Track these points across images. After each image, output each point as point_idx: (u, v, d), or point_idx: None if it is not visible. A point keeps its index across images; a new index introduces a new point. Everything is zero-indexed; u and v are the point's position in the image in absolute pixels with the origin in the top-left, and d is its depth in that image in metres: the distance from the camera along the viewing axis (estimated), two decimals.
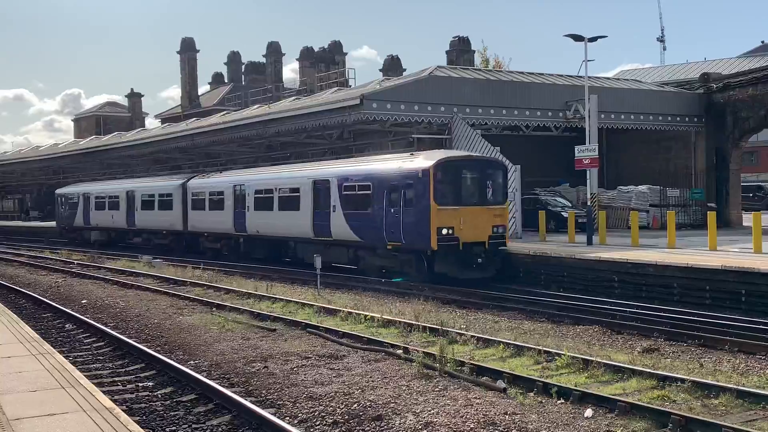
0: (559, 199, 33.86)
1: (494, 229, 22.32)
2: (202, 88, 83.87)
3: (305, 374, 11.47)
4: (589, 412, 9.27)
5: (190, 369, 11.65)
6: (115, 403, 8.76)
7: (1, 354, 11.03)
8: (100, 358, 13.36)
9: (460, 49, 65.11)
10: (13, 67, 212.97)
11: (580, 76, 30.36)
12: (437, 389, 10.38)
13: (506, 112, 31.15)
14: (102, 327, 15.69)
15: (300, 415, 9.48)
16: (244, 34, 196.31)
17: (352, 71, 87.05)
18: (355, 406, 9.69)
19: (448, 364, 11.25)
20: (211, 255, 33.53)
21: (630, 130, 35.27)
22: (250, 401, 9.78)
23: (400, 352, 12.55)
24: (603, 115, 31.56)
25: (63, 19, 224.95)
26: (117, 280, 25.60)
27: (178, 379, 11.25)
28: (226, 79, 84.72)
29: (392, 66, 70.57)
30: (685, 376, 10.39)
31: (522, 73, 34.92)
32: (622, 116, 33.75)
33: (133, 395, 10.57)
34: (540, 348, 12.29)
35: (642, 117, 34.33)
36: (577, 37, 27.17)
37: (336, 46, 75.30)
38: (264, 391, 10.58)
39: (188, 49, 76.21)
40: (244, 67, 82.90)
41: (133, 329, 16.19)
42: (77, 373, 9.88)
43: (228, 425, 9.14)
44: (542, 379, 10.49)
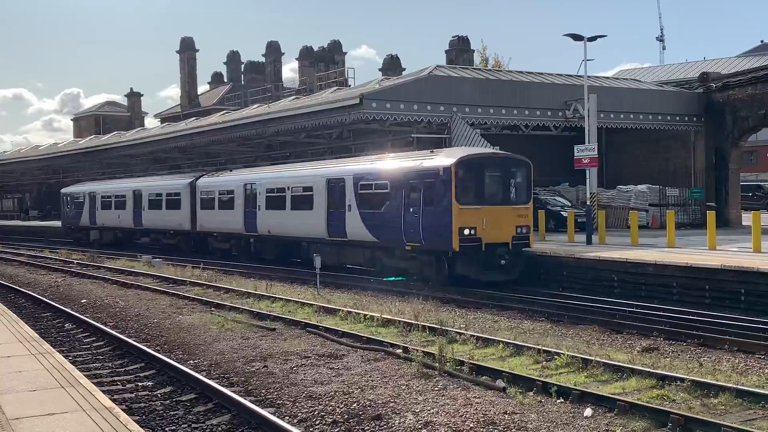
0: (559, 199, 33.87)
1: (518, 230, 21.33)
2: (202, 88, 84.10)
3: (305, 373, 11.47)
4: (588, 412, 9.27)
5: (190, 368, 11.66)
6: (115, 403, 8.76)
7: (1, 353, 11.03)
8: (100, 357, 13.36)
9: (460, 49, 65.21)
10: (13, 67, 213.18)
11: (580, 76, 30.36)
12: (437, 388, 10.38)
13: (506, 111, 31.09)
14: (101, 326, 15.68)
15: (299, 414, 9.48)
16: (243, 34, 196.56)
17: (352, 71, 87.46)
18: (355, 405, 9.69)
19: (448, 364, 11.26)
20: (220, 255, 33.14)
21: (629, 130, 35.27)
22: (250, 401, 9.78)
23: (399, 351, 12.55)
24: (602, 115, 31.50)
25: (62, 19, 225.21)
26: (117, 280, 25.60)
27: (178, 379, 11.25)
28: (226, 79, 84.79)
29: (392, 65, 70.63)
30: (684, 376, 10.40)
31: (521, 72, 34.89)
32: (622, 116, 33.72)
33: (133, 395, 10.57)
34: (539, 347, 12.29)
35: (641, 116, 34.31)
36: (577, 37, 27.16)
37: (335, 46, 75.38)
38: (263, 391, 10.58)
39: (188, 49, 76.23)
40: (243, 66, 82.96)
41: (132, 329, 16.19)
42: (77, 373, 9.88)
43: (227, 425, 9.14)
44: (542, 379, 10.49)
